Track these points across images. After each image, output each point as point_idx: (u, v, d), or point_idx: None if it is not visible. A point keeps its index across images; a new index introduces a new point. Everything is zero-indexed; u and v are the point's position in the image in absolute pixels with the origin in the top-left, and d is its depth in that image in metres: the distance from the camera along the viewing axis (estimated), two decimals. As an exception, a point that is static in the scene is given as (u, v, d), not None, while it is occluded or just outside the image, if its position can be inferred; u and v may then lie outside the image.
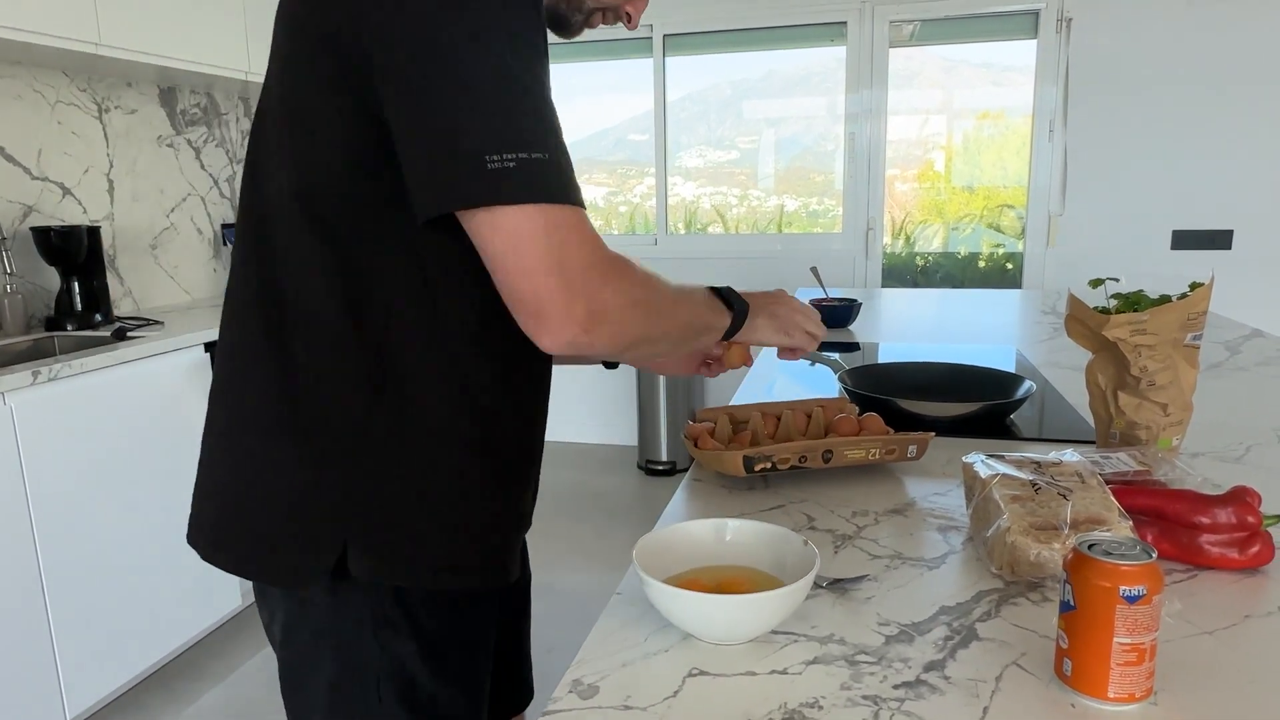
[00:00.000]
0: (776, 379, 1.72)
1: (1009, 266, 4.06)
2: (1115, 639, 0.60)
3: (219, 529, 0.86)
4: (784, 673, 0.67)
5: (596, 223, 4.60)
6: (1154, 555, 0.61)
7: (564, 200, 0.71)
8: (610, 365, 1.08)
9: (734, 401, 1.53)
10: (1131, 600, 0.59)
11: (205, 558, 0.86)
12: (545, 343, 0.73)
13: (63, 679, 2.05)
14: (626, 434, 4.35)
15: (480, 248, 0.72)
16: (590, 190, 4.65)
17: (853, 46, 3.84)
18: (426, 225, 0.73)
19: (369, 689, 0.84)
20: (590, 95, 4.45)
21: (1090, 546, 0.63)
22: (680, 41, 4.11)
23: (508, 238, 0.70)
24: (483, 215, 0.70)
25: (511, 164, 0.68)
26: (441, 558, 0.84)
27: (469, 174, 0.68)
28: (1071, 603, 0.62)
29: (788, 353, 1.11)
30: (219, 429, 0.86)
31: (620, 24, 0.94)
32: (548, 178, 0.70)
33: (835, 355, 1.81)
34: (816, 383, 1.62)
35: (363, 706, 0.84)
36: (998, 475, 0.88)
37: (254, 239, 0.82)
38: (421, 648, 0.85)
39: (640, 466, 4.05)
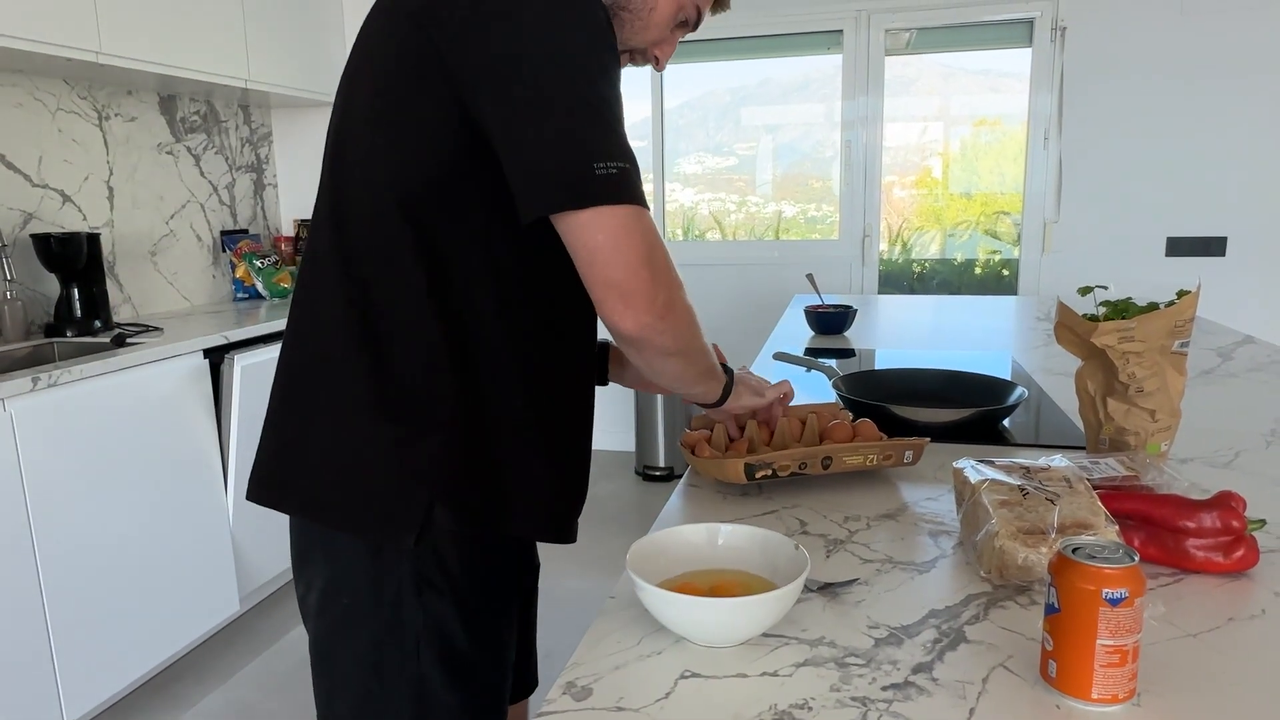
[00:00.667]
0: (776, 376, 1.73)
1: (1005, 273, 4.07)
2: (1098, 640, 0.61)
3: (314, 490, 0.92)
4: (774, 674, 0.69)
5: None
6: (1136, 559, 0.62)
7: (646, 206, 0.83)
8: (600, 382, 1.16)
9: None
10: (1114, 603, 0.61)
11: (295, 512, 0.95)
12: (627, 324, 0.83)
13: (61, 684, 2.06)
14: (624, 440, 4.36)
15: (579, 241, 0.81)
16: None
17: (849, 54, 3.87)
18: (508, 219, 0.84)
19: (408, 649, 0.91)
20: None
21: (1074, 550, 0.64)
22: (678, 49, 4.13)
23: (611, 234, 0.80)
24: (589, 214, 0.79)
25: (615, 171, 0.79)
26: (516, 513, 0.93)
27: (581, 178, 0.78)
28: (1056, 605, 0.64)
29: (765, 413, 1.19)
30: (312, 405, 0.93)
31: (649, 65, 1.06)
32: (636, 186, 0.81)
33: (830, 362, 1.82)
34: (811, 389, 1.64)
35: (401, 665, 0.91)
36: (987, 480, 0.89)
37: (336, 235, 0.90)
38: (461, 611, 0.92)
39: (638, 472, 4.06)
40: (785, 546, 0.79)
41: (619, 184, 0.79)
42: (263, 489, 0.96)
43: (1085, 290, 1.11)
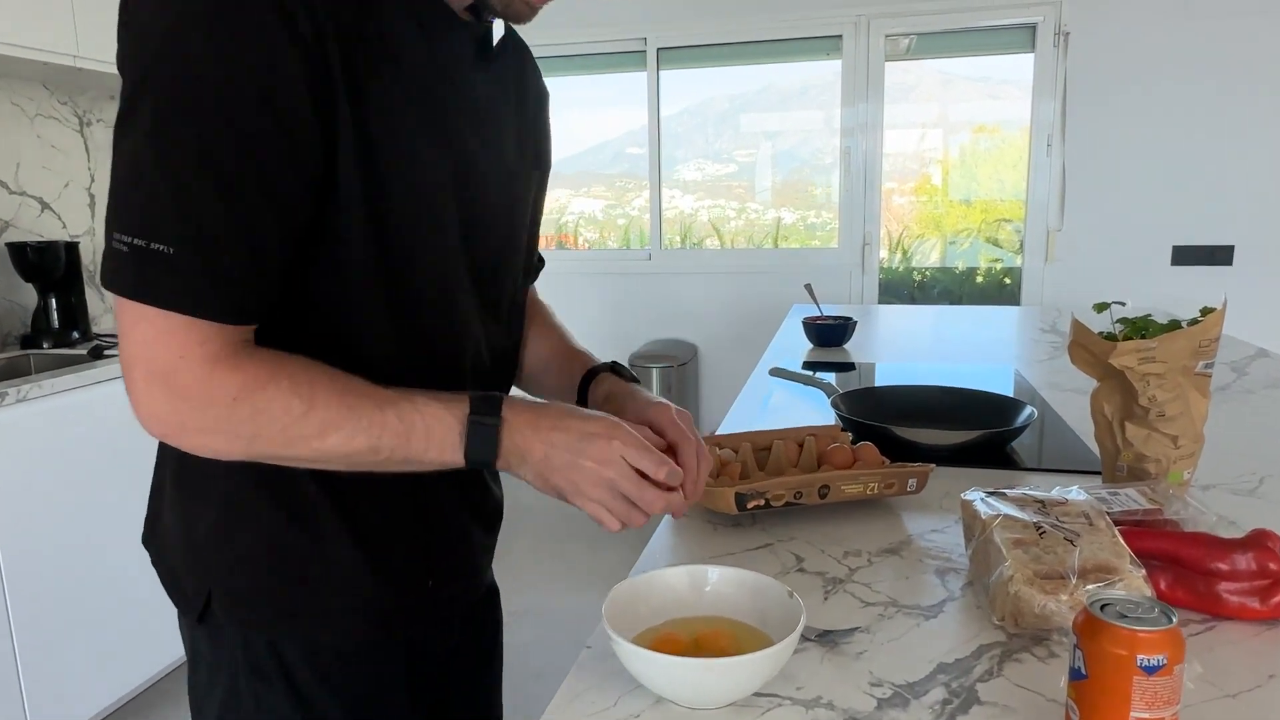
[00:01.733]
0: (773, 392, 1.66)
1: (1007, 281, 4.01)
2: (1132, 713, 0.54)
3: (157, 553, 0.87)
4: (765, 744, 0.61)
5: (591, 235, 4.58)
6: (1174, 619, 0.55)
7: (176, 305, 0.63)
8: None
9: (725, 421, 1.47)
10: (1150, 671, 0.53)
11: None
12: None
13: (29, 709, 1.98)
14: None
15: None
16: (588, 203, 4.60)
17: (848, 60, 3.80)
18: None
19: None
20: (589, 108, 4.41)
21: (1103, 608, 0.57)
22: (675, 55, 4.07)
23: (120, 328, 0.66)
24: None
25: (124, 249, 0.63)
26: (304, 608, 0.80)
27: (107, 251, 0.64)
28: (1082, 670, 0.56)
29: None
30: (160, 464, 0.87)
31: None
32: (151, 270, 0.62)
33: (829, 377, 1.75)
34: (810, 404, 1.56)
35: None
36: (999, 516, 0.82)
37: None
38: (298, 704, 0.81)
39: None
40: (778, 593, 0.71)
41: (128, 264, 0.62)
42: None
43: (1101, 306, 1.04)
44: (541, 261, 1.07)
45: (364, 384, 0.70)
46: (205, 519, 0.78)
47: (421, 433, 0.70)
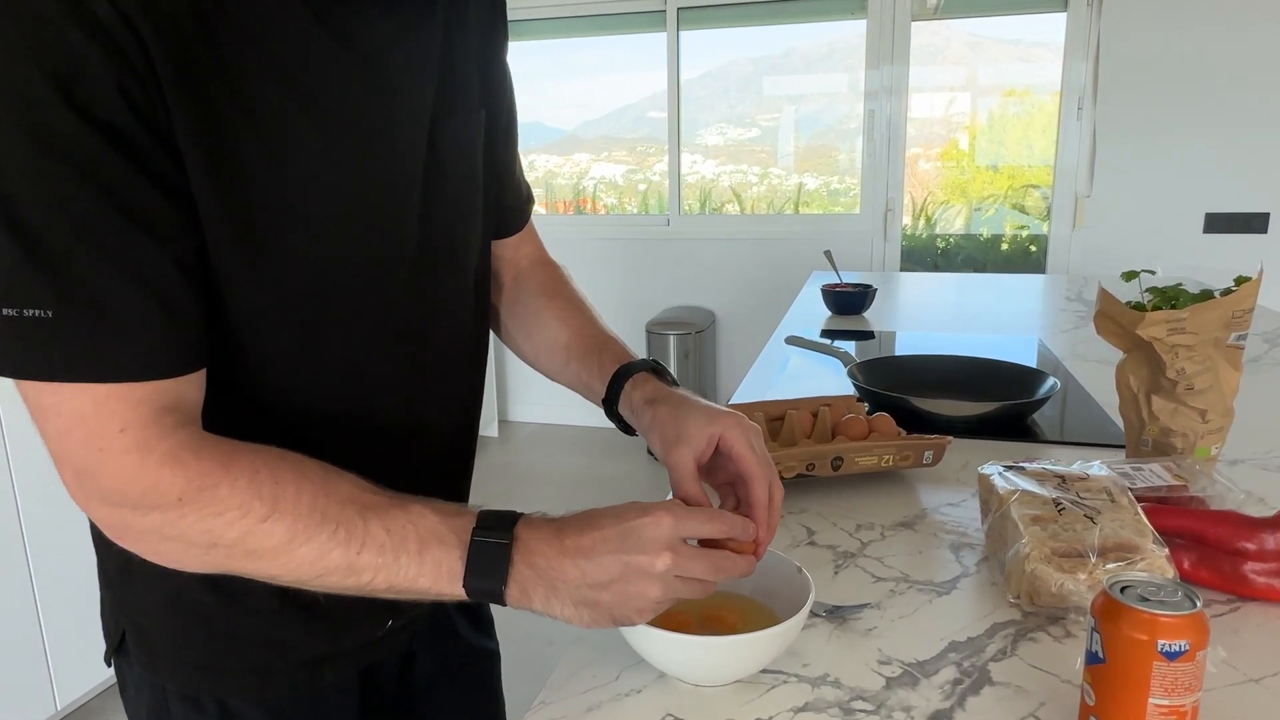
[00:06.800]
0: (789, 360, 1.64)
1: (1033, 249, 3.93)
2: (1151, 700, 0.52)
3: None
4: (769, 722, 0.60)
5: (610, 201, 4.53)
6: (1198, 603, 0.52)
7: (78, 373, 0.52)
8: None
9: (739, 390, 1.45)
10: (1171, 657, 0.51)
11: None
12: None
13: (53, 669, 2.02)
14: (637, 418, 4.28)
15: None
16: (609, 168, 4.55)
17: (874, 19, 3.70)
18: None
19: None
20: (610, 72, 4.34)
21: (1123, 590, 0.54)
22: (696, 15, 3.98)
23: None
24: None
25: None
26: (199, 659, 0.71)
27: None
28: (1100, 654, 0.54)
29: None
30: None
31: None
32: (43, 339, 0.51)
33: (847, 346, 1.72)
34: (827, 373, 1.54)
35: None
36: (1017, 492, 0.79)
37: None
38: None
39: (649, 451, 3.97)
40: (787, 569, 0.69)
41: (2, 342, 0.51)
42: None
43: (1130, 275, 1.00)
44: (529, 199, 0.90)
45: (350, 485, 0.57)
46: (112, 547, 0.61)
47: (414, 551, 0.56)
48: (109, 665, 0.78)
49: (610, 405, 0.76)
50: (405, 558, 0.56)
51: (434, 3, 0.68)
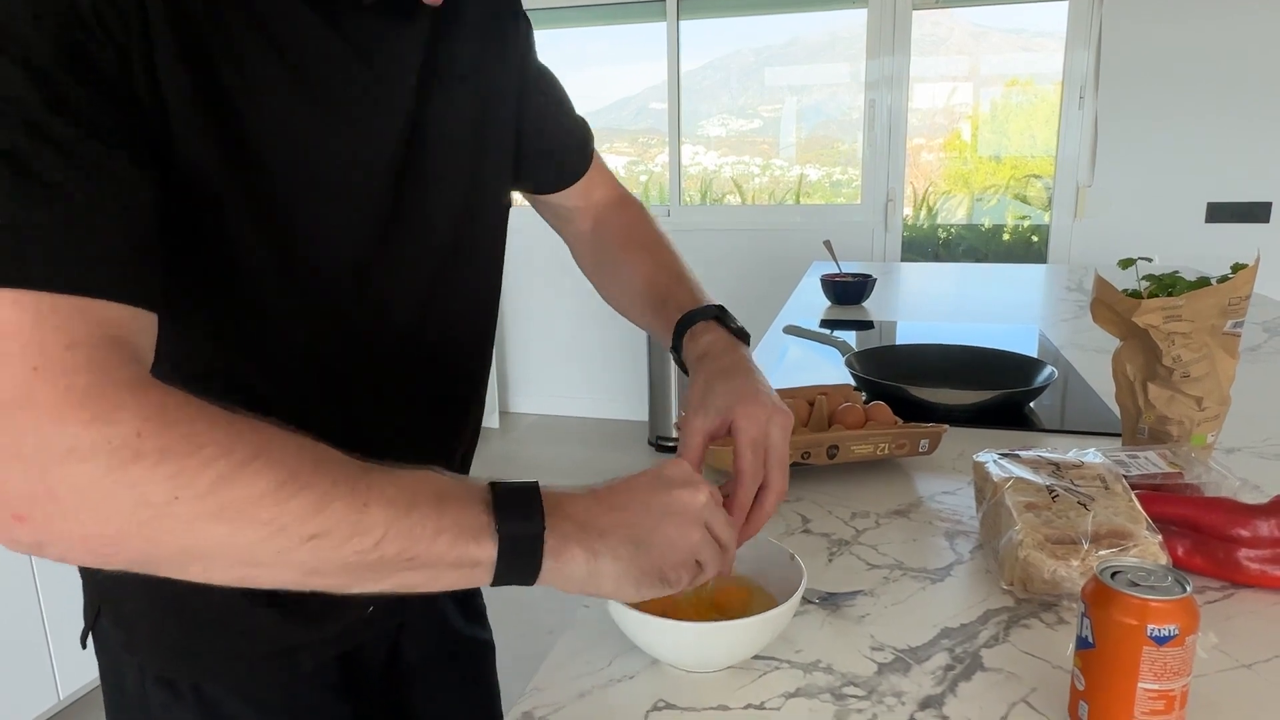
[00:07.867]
0: (788, 349, 1.64)
1: (1034, 239, 3.92)
2: (1140, 684, 0.52)
3: None
4: (760, 707, 0.60)
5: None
6: (1188, 588, 0.52)
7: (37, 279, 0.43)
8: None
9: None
10: (1161, 641, 0.51)
11: None
12: None
13: (55, 659, 2.03)
14: (637, 409, 4.27)
15: None
16: (611, 159, 4.54)
17: (874, 8, 3.69)
18: None
19: None
20: (610, 63, 4.33)
21: (1113, 575, 0.54)
22: (697, 3, 3.97)
23: None
24: None
25: None
26: (174, 642, 0.70)
27: None
28: (1090, 639, 0.54)
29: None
30: None
31: None
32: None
33: (845, 335, 1.72)
34: (825, 362, 1.53)
35: None
36: (1011, 479, 0.79)
37: None
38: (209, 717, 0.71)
39: (651, 443, 3.98)
40: (780, 555, 0.69)
41: None
42: None
43: (1127, 262, 1.00)
44: (586, 140, 0.88)
45: (343, 453, 0.49)
46: None
47: (431, 504, 0.48)
48: (84, 647, 0.76)
49: (678, 355, 0.76)
50: (419, 513, 0.47)
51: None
